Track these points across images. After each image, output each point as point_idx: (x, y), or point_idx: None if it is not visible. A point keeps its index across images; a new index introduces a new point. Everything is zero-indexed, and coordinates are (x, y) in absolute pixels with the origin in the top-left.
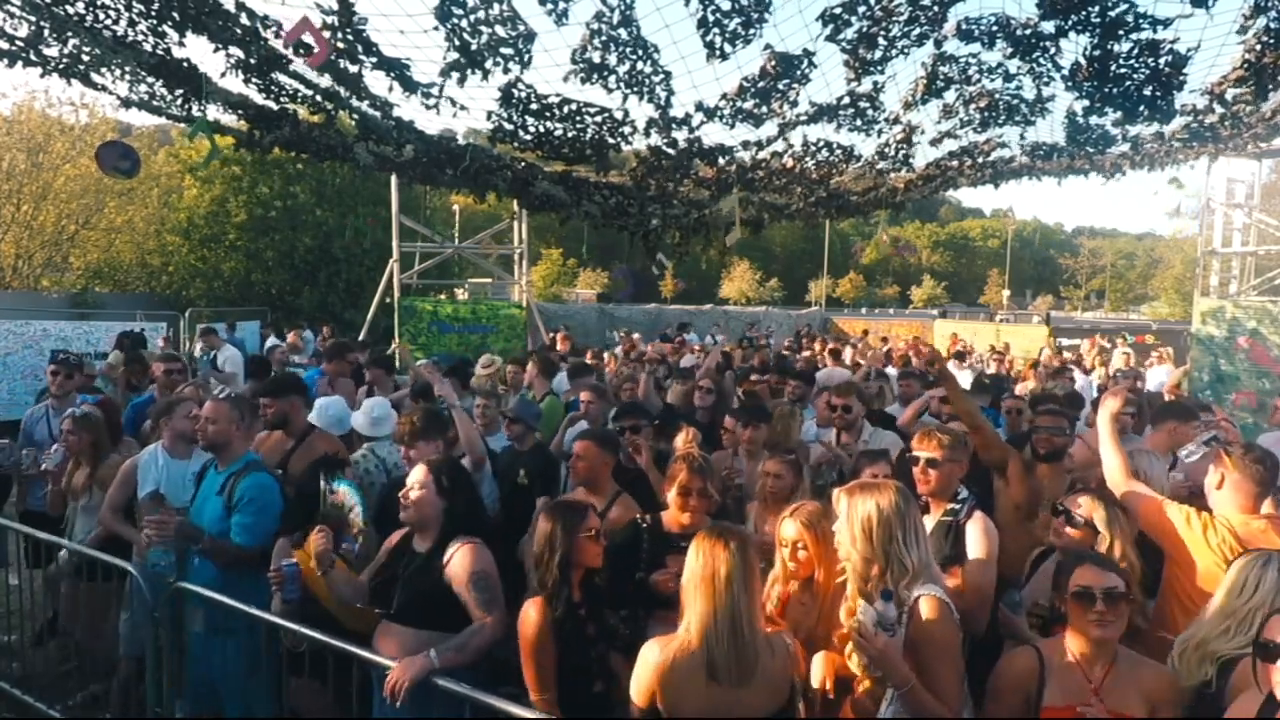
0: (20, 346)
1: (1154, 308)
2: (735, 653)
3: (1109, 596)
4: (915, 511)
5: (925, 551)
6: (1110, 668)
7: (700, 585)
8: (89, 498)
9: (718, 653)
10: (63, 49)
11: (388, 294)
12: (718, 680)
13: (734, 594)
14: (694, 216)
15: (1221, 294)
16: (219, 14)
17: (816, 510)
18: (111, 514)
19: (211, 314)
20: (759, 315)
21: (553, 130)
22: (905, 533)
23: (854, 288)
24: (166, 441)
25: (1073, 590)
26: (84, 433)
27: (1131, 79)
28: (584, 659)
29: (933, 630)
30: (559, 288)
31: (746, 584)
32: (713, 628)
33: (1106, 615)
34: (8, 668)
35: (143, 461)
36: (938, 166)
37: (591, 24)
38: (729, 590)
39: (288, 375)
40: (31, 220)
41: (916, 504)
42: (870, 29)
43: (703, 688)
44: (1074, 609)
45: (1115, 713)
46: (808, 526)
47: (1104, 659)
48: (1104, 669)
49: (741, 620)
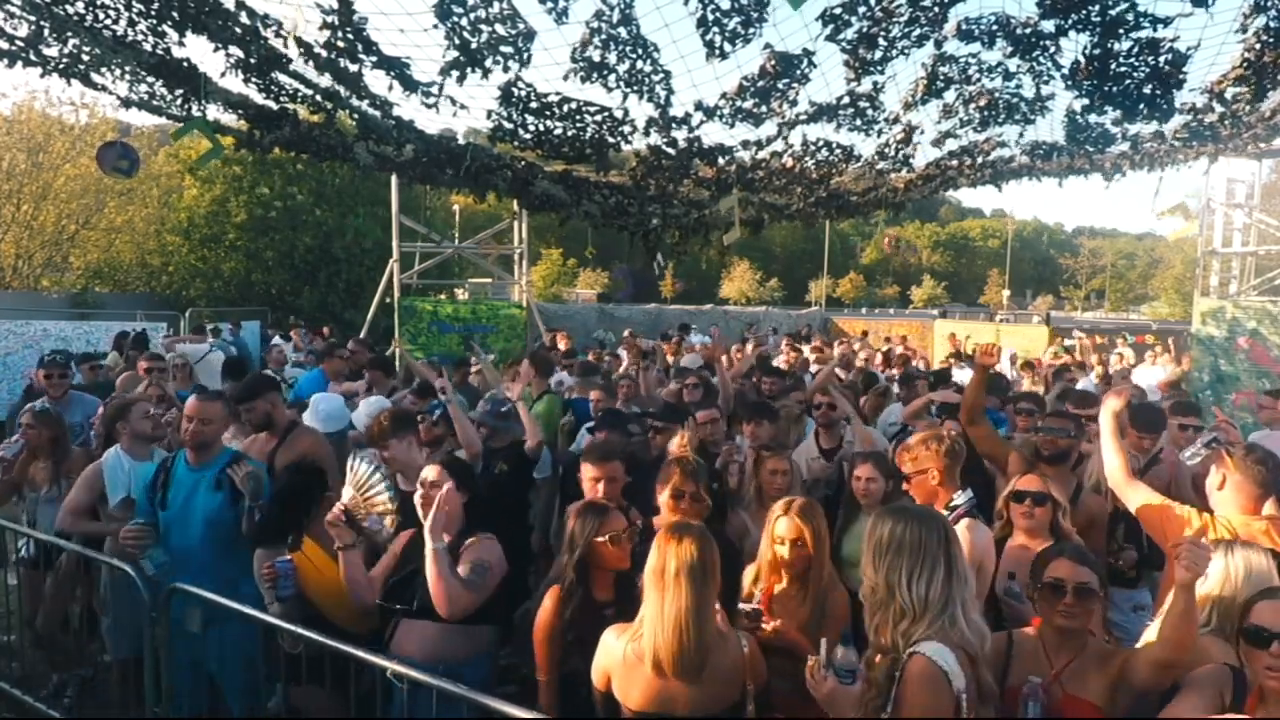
0: (20, 346)
1: (1154, 308)
2: (678, 648)
3: (1079, 591)
4: (940, 545)
5: (944, 594)
6: (1076, 656)
7: (652, 579)
8: (55, 490)
9: (661, 647)
10: (62, 49)
11: (388, 294)
12: (659, 672)
13: (682, 591)
14: (694, 216)
15: (1221, 294)
16: (219, 13)
17: (811, 504)
18: (73, 517)
19: (212, 314)
20: (759, 315)
21: (552, 129)
22: (918, 565)
23: (854, 288)
24: (125, 444)
25: (1045, 580)
26: (43, 428)
27: (1131, 78)
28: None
29: (911, 695)
30: (559, 288)
31: (697, 581)
32: (659, 622)
33: (1074, 608)
34: (7, 668)
35: (108, 465)
36: (938, 166)
37: (591, 23)
38: (677, 586)
39: (260, 375)
40: (31, 220)
41: (949, 538)
42: (870, 29)
43: (649, 679)
44: (1043, 598)
45: (1074, 696)
46: (805, 520)
47: (1071, 648)
48: (1069, 656)
49: (688, 617)
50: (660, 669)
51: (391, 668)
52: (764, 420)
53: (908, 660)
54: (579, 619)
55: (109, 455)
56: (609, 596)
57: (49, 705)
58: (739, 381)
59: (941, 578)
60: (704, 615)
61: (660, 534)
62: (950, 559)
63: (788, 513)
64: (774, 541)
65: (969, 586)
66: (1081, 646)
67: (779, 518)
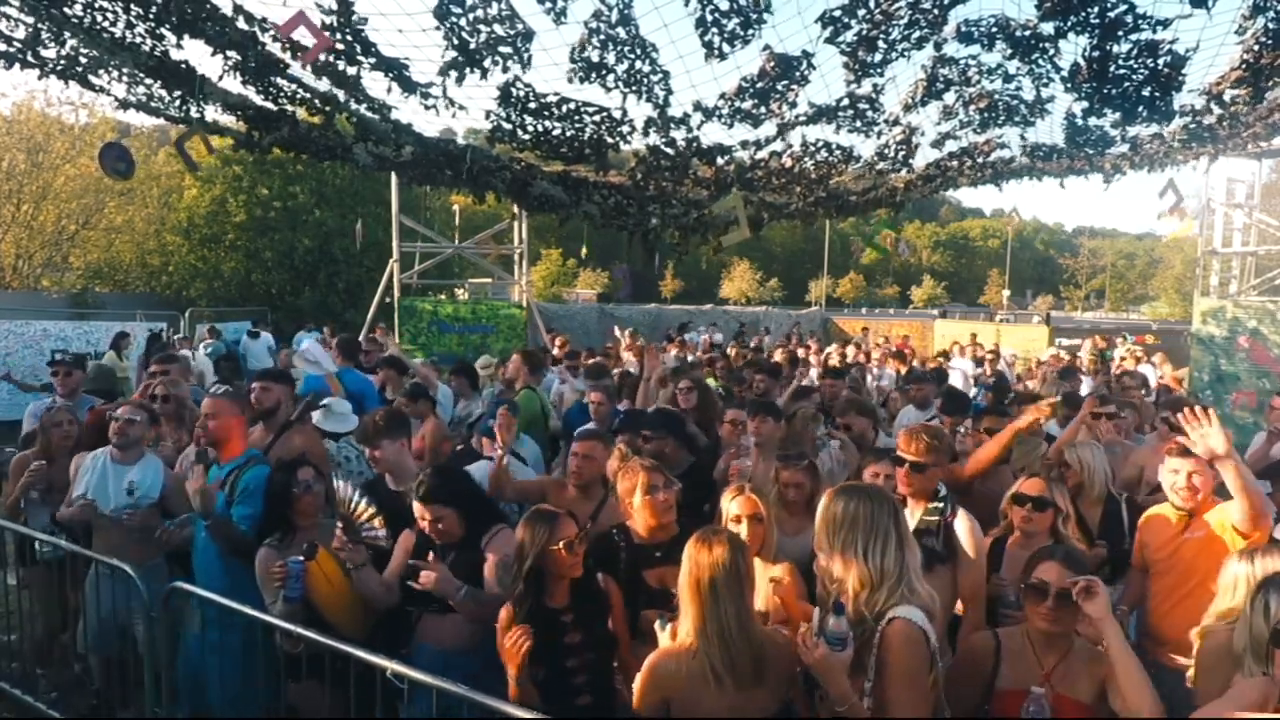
0: (20, 346)
1: (1154, 308)
2: (731, 656)
3: (1061, 596)
4: (890, 518)
5: (898, 562)
6: (1065, 656)
7: (690, 592)
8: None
9: (714, 658)
10: (60, 50)
11: (388, 294)
12: (723, 684)
13: (721, 599)
14: (693, 216)
15: (1221, 294)
16: (216, 18)
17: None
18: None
19: (212, 314)
20: (759, 315)
21: (551, 130)
22: (871, 538)
23: (854, 288)
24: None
25: (1031, 581)
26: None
27: (1130, 80)
28: (559, 668)
29: (896, 657)
30: (559, 288)
31: (734, 587)
32: (705, 634)
33: (1055, 613)
34: (7, 668)
35: (83, 464)
36: (938, 167)
37: (590, 23)
38: (715, 595)
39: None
40: (31, 220)
41: (897, 512)
42: (870, 32)
43: (712, 693)
44: (1028, 600)
45: (1063, 695)
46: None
47: (1059, 648)
48: (1057, 656)
49: (732, 624)
50: (721, 680)
51: (392, 667)
52: (768, 417)
53: (887, 625)
54: (533, 627)
55: (96, 453)
56: (564, 602)
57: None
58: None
59: (894, 547)
60: (747, 620)
61: (690, 544)
62: (900, 531)
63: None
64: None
65: (917, 555)
66: (1069, 646)
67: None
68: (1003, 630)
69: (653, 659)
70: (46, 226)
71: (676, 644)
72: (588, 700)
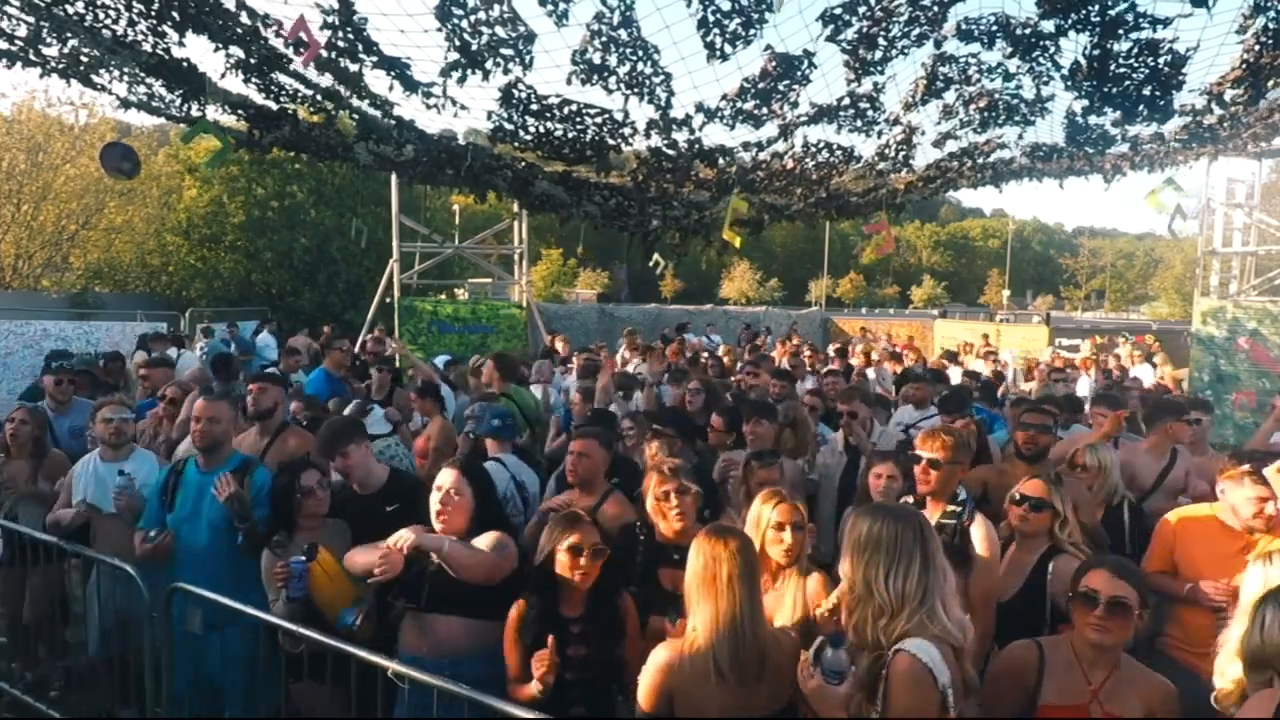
0: (20, 346)
1: (1154, 308)
2: (740, 653)
3: (1112, 605)
4: (915, 540)
5: (920, 587)
6: (1112, 672)
7: (703, 587)
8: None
9: (723, 653)
10: (62, 49)
11: (388, 294)
12: (725, 680)
13: (736, 594)
14: (694, 218)
15: (1222, 294)
16: (219, 13)
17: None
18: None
19: (212, 314)
20: (759, 315)
21: (553, 130)
22: (895, 562)
23: (854, 288)
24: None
25: (1080, 590)
26: (33, 424)
27: (1131, 79)
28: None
29: (897, 697)
30: (559, 288)
31: (748, 583)
32: (716, 629)
33: (1106, 623)
34: (7, 668)
35: (77, 469)
36: (938, 167)
37: (592, 25)
38: (731, 591)
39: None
40: (31, 220)
41: (924, 532)
42: (870, 29)
43: (714, 688)
44: (1077, 609)
45: (1113, 715)
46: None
47: (1106, 663)
48: (1105, 672)
49: (745, 620)
50: (724, 676)
51: (393, 667)
52: (764, 419)
53: (892, 658)
54: (539, 631)
55: (84, 459)
56: (576, 613)
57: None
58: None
59: (918, 572)
60: (758, 616)
61: (701, 539)
62: (927, 554)
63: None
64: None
65: (949, 581)
66: (1116, 661)
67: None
68: (1046, 640)
69: (658, 652)
70: (46, 226)
71: (682, 639)
72: (581, 711)
